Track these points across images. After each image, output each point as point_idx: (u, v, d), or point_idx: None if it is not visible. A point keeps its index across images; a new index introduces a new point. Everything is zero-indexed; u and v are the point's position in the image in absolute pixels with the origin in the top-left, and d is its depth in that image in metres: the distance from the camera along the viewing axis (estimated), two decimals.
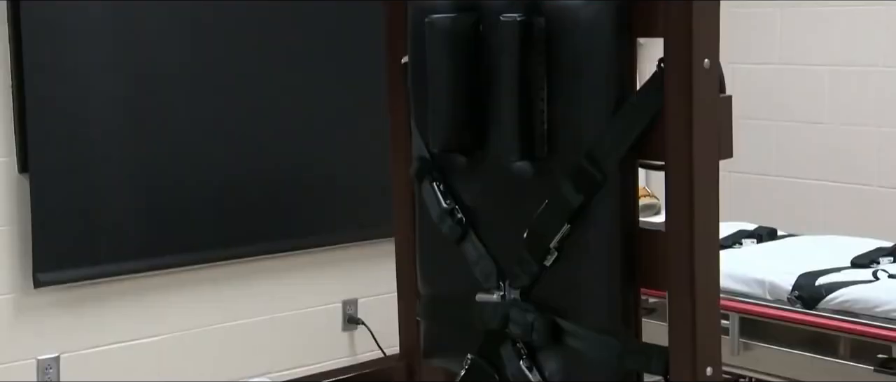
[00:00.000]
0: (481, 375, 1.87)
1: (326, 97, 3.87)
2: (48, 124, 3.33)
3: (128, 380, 3.57)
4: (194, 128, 3.62)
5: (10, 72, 3.29)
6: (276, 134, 3.78)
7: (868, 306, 2.58)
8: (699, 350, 1.60)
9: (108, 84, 3.44)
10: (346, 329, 4.06)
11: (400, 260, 2.09)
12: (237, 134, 3.70)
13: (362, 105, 3.85)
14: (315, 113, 3.85)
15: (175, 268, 3.64)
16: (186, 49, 3.59)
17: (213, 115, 3.65)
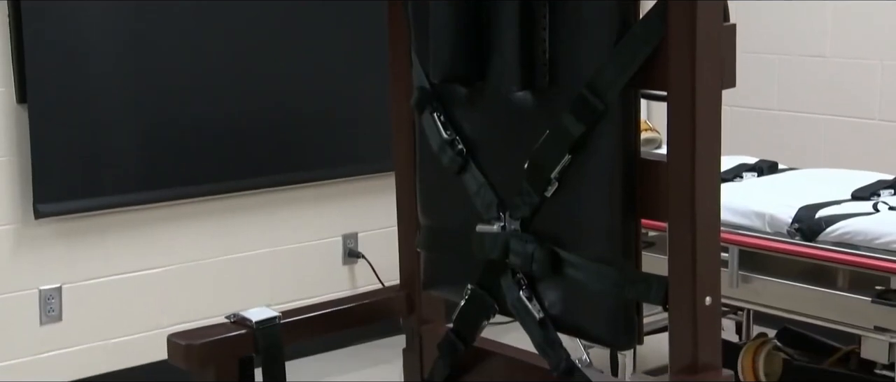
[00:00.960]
0: (481, 305, 1.88)
1: (327, 30, 3.84)
2: (46, 54, 3.31)
3: (129, 311, 3.60)
4: (195, 61, 3.59)
5: (7, 2, 3.26)
6: (278, 67, 3.76)
7: (868, 238, 2.58)
8: (699, 280, 1.60)
9: (107, 16, 3.41)
10: (346, 262, 4.08)
11: (400, 191, 2.10)
12: (238, 67, 3.68)
13: (363, 37, 3.82)
14: (316, 46, 3.83)
15: (176, 201, 3.64)
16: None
17: (214, 48, 3.63)
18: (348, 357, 3.98)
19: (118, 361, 3.58)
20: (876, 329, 2.60)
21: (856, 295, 2.64)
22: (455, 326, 1.94)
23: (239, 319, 1.92)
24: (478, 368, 1.99)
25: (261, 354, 1.89)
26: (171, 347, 1.87)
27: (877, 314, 2.58)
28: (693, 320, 1.61)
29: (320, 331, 2.10)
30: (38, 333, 3.43)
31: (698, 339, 1.62)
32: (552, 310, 1.79)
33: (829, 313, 2.67)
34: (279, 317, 1.93)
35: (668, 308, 1.65)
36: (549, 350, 1.79)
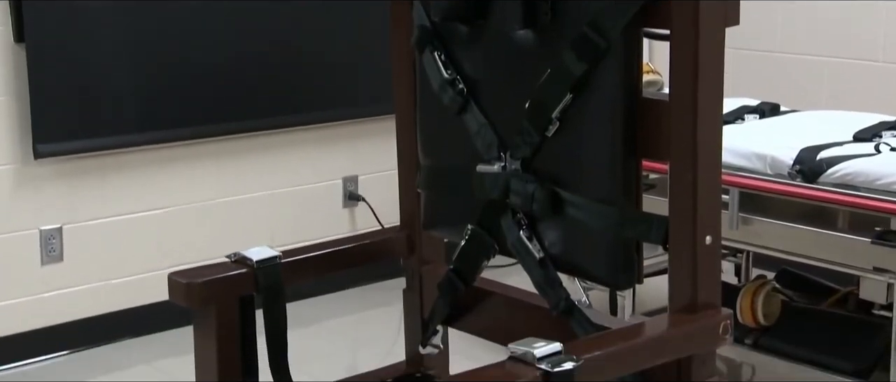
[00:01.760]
0: (481, 245, 1.89)
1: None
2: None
3: (130, 252, 3.61)
4: (195, 1, 3.56)
5: None
6: (278, 8, 3.72)
7: (869, 179, 2.58)
8: (699, 219, 1.60)
9: None
10: (346, 205, 4.08)
11: (400, 131, 2.09)
12: (239, 7, 3.65)
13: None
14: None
15: (176, 142, 3.64)
16: None
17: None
18: (348, 300, 4.00)
19: (119, 301, 3.60)
20: (875, 270, 2.61)
21: (855, 236, 2.64)
22: (455, 266, 1.94)
23: (239, 258, 1.92)
24: (478, 308, 2.00)
25: (261, 293, 1.90)
26: (172, 286, 1.87)
27: (876, 254, 2.58)
28: (693, 259, 1.62)
29: (321, 271, 2.11)
30: (40, 273, 3.45)
31: (698, 278, 1.63)
32: (552, 250, 1.79)
33: (829, 254, 2.68)
34: (279, 257, 1.93)
35: (667, 247, 1.65)
36: (548, 289, 1.80)
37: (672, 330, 1.64)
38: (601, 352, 1.54)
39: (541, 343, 1.49)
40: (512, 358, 1.49)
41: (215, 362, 1.85)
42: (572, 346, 1.52)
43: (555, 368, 1.45)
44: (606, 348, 1.56)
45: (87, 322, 3.54)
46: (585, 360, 1.48)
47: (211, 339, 1.86)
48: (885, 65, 3.83)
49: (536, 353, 1.47)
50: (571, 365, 1.46)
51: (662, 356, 1.62)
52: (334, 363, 3.44)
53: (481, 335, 2.01)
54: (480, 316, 1.99)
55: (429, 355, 2.10)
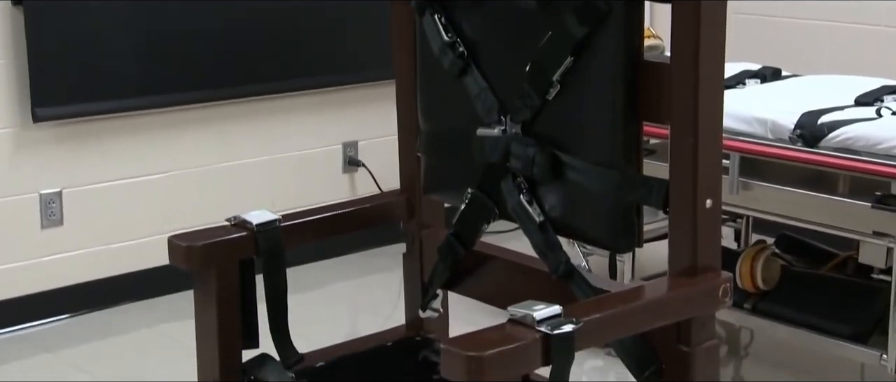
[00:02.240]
0: (481, 209, 1.89)
1: None
2: None
3: (130, 216, 3.61)
4: None
5: None
6: None
7: (870, 143, 2.57)
8: (700, 182, 1.60)
9: None
10: (346, 170, 4.08)
11: (400, 95, 2.08)
12: None
13: None
14: None
15: (175, 107, 3.63)
16: None
17: None
18: (348, 265, 4.01)
19: (120, 265, 3.61)
20: (874, 234, 2.61)
21: (855, 200, 2.64)
22: (455, 230, 1.95)
23: (240, 222, 1.92)
24: (477, 272, 2.00)
25: (261, 256, 1.90)
26: (172, 248, 1.87)
27: (876, 219, 2.58)
28: (693, 222, 1.62)
29: (320, 234, 2.10)
30: (40, 237, 3.45)
31: (698, 241, 1.63)
32: (552, 213, 1.79)
33: (829, 218, 2.68)
34: (279, 220, 1.93)
35: (667, 211, 1.65)
36: (548, 253, 1.80)
37: (671, 293, 1.64)
38: (600, 315, 1.54)
39: (540, 305, 1.49)
40: (511, 321, 1.49)
41: (215, 325, 1.86)
42: (572, 309, 1.52)
43: (554, 330, 1.46)
44: (606, 310, 1.56)
45: (88, 286, 3.55)
46: (585, 323, 1.49)
47: (211, 302, 1.86)
48: (887, 30, 3.81)
49: (536, 316, 1.47)
50: (571, 328, 1.46)
51: (662, 318, 1.62)
52: (334, 327, 3.45)
53: (481, 299, 2.01)
54: (480, 280, 2.00)
55: (429, 319, 2.11)
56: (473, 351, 1.41)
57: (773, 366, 3.23)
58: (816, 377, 3.12)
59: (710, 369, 1.67)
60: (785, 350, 3.24)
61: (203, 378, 1.91)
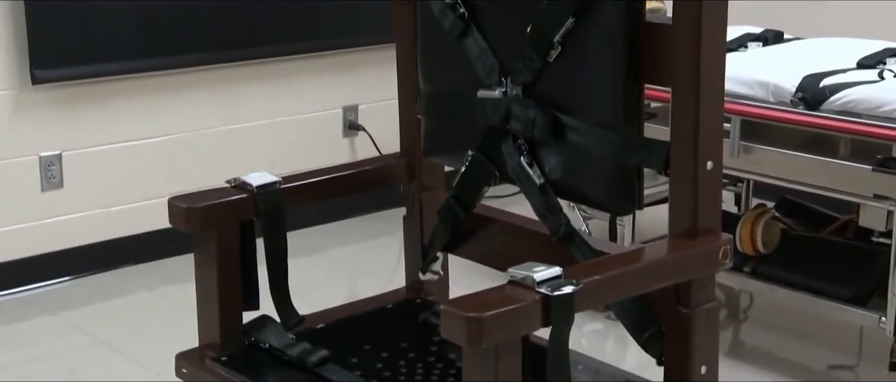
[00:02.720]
0: (481, 171, 1.88)
1: None
2: None
3: (130, 179, 3.61)
4: None
5: None
6: None
7: (872, 106, 2.56)
8: (701, 144, 1.60)
9: None
10: (346, 134, 4.07)
11: (400, 56, 2.07)
12: None
13: None
14: None
15: (174, 70, 3.62)
16: None
17: None
18: (349, 229, 4.02)
19: (120, 228, 3.61)
20: (875, 197, 2.61)
21: (856, 163, 2.64)
22: (455, 192, 1.94)
23: (240, 183, 1.92)
24: (478, 234, 2.00)
25: (262, 218, 1.90)
26: (173, 210, 1.87)
27: (877, 182, 2.58)
28: (694, 184, 1.61)
29: (320, 196, 2.10)
30: (40, 199, 3.45)
31: (698, 203, 1.62)
32: (552, 176, 1.78)
33: (830, 182, 2.67)
34: (279, 182, 1.93)
35: (668, 173, 1.65)
36: (549, 215, 1.79)
37: (671, 255, 1.64)
38: (601, 276, 1.54)
39: (540, 267, 1.49)
40: (512, 282, 1.49)
41: (216, 286, 1.86)
42: (572, 270, 1.52)
43: (554, 292, 1.46)
44: (606, 272, 1.56)
45: (89, 249, 3.55)
46: (585, 284, 1.49)
47: (211, 264, 1.86)
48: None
49: (536, 277, 1.47)
50: (571, 289, 1.46)
51: (662, 280, 1.62)
52: (335, 290, 3.46)
53: (481, 261, 2.01)
54: (480, 243, 2.00)
55: (429, 281, 2.11)
56: (473, 312, 1.41)
57: (772, 329, 3.24)
58: (815, 340, 3.14)
59: (709, 331, 1.67)
60: (784, 313, 3.26)
61: (204, 339, 1.92)
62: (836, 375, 2.96)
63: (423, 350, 1.91)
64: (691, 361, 1.66)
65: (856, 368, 3.03)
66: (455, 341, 1.44)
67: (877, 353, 2.85)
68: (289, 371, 1.83)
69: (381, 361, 1.86)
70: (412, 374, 1.82)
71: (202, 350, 1.90)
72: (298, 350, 1.86)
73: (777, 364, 2.97)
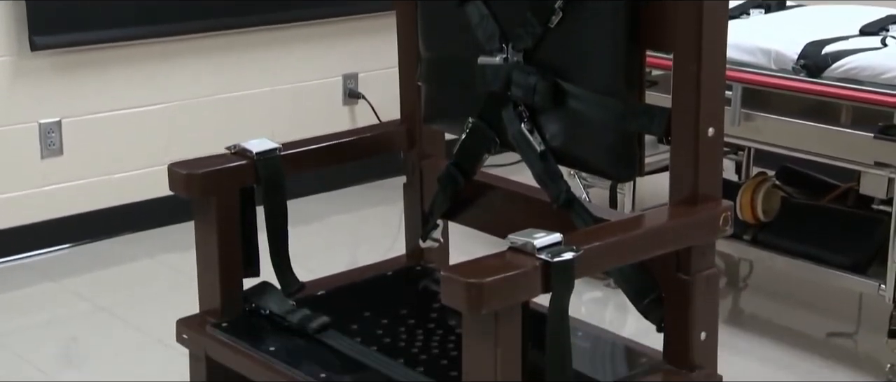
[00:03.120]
0: (482, 138, 1.88)
1: None
2: None
3: (130, 147, 3.60)
4: None
5: None
6: None
7: (874, 73, 2.55)
8: (702, 110, 1.59)
9: None
10: (346, 102, 4.06)
11: (401, 22, 2.06)
12: None
13: None
14: None
15: (175, 37, 3.60)
16: None
17: None
18: (349, 198, 4.02)
19: (120, 196, 3.61)
20: (876, 165, 2.60)
21: (858, 131, 2.63)
22: (455, 159, 1.94)
23: (240, 150, 1.92)
24: (478, 202, 2.00)
25: (262, 184, 1.89)
26: (172, 176, 1.87)
27: (878, 149, 2.57)
28: (695, 151, 1.61)
29: (320, 163, 2.10)
30: (40, 166, 3.45)
31: (699, 170, 1.62)
32: (553, 142, 1.78)
33: (831, 149, 2.67)
34: (279, 148, 1.93)
35: (669, 140, 1.64)
36: (549, 182, 1.79)
37: (672, 221, 1.64)
38: (601, 243, 1.54)
39: (541, 233, 1.49)
40: (512, 249, 1.49)
41: (216, 253, 1.86)
42: (572, 237, 1.52)
43: (554, 258, 1.45)
44: (606, 238, 1.56)
45: (89, 216, 3.56)
46: (585, 250, 1.48)
47: (211, 230, 1.86)
48: None
49: (536, 243, 1.47)
50: (571, 255, 1.46)
51: (662, 246, 1.62)
52: (335, 258, 3.46)
53: (481, 228, 2.01)
54: (480, 210, 2.00)
55: (429, 248, 2.11)
56: (473, 278, 1.41)
57: (772, 297, 3.25)
58: (815, 307, 3.14)
59: (709, 297, 1.67)
60: (783, 281, 3.26)
61: (204, 305, 1.92)
62: (835, 342, 2.97)
63: (424, 316, 1.92)
64: (691, 327, 1.66)
65: (855, 336, 3.04)
66: (455, 307, 1.44)
67: (876, 321, 2.86)
68: (289, 338, 1.83)
69: (381, 327, 1.87)
70: (412, 341, 1.82)
71: (203, 316, 1.91)
72: (299, 316, 1.86)
73: (776, 331, 2.97)
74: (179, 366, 2.02)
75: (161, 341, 2.80)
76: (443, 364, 1.74)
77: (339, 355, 1.78)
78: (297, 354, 1.78)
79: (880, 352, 2.71)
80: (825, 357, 2.81)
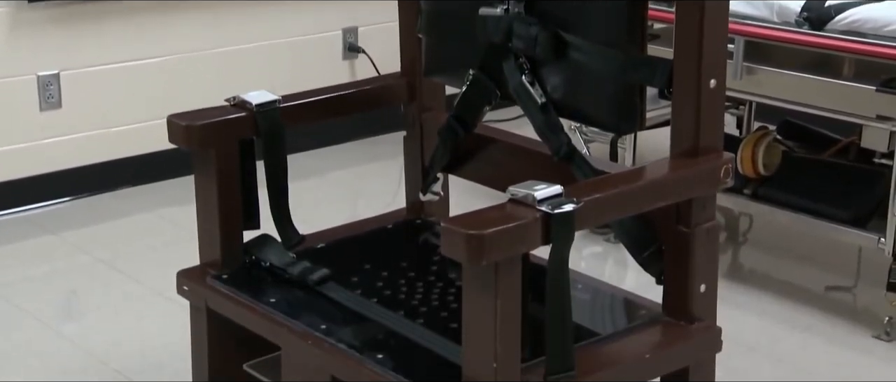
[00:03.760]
0: (482, 90, 1.87)
1: None
2: None
3: (129, 100, 3.59)
4: None
5: None
6: None
7: (877, 25, 2.54)
8: (704, 61, 1.58)
9: None
10: (346, 57, 4.04)
11: None
12: None
13: None
14: None
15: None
16: None
17: None
18: (348, 153, 4.01)
19: (120, 149, 3.60)
20: (878, 118, 2.59)
21: (861, 84, 2.62)
22: (456, 111, 1.93)
23: (239, 102, 1.91)
24: (478, 155, 1.99)
25: (262, 136, 1.89)
26: (172, 127, 1.86)
27: (880, 102, 2.56)
28: (696, 102, 1.60)
29: (320, 116, 2.09)
30: (38, 119, 3.44)
31: (701, 122, 1.61)
32: (554, 95, 1.77)
33: (833, 103, 2.66)
34: (279, 101, 1.92)
35: (670, 92, 1.63)
36: (550, 134, 1.79)
37: (673, 173, 1.63)
38: (601, 194, 1.54)
39: (541, 185, 1.48)
40: (512, 200, 1.49)
41: (216, 205, 1.86)
42: (573, 189, 1.52)
43: (555, 210, 1.45)
44: (606, 190, 1.56)
45: (88, 169, 3.55)
46: (585, 202, 1.48)
47: (211, 182, 1.86)
48: None
49: (537, 195, 1.47)
50: (571, 207, 1.46)
51: (663, 198, 1.62)
52: (335, 211, 3.46)
53: (481, 182, 2.01)
54: (481, 163, 1.99)
55: (429, 202, 2.11)
56: (474, 229, 1.41)
57: (771, 252, 3.25)
58: (814, 262, 3.15)
59: (709, 249, 1.67)
60: (783, 235, 3.26)
61: (205, 257, 1.92)
62: (834, 296, 2.98)
63: (424, 269, 1.92)
64: (690, 280, 1.67)
65: (853, 289, 3.05)
66: (455, 258, 1.44)
67: (875, 275, 2.86)
68: (289, 289, 1.84)
69: (381, 280, 1.87)
70: (412, 293, 1.83)
71: (203, 268, 1.91)
72: (299, 268, 1.86)
73: (775, 285, 2.98)
74: (180, 319, 2.03)
75: (161, 294, 2.81)
76: (443, 316, 1.75)
77: (339, 307, 1.78)
78: (298, 306, 1.78)
79: (879, 306, 2.72)
80: (824, 310, 2.82)
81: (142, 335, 2.69)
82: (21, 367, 2.56)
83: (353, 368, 1.63)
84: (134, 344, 2.64)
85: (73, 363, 2.57)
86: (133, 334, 2.69)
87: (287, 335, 1.72)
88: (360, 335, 1.69)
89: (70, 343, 2.66)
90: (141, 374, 2.51)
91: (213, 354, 1.90)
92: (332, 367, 1.66)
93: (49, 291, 2.97)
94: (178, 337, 2.23)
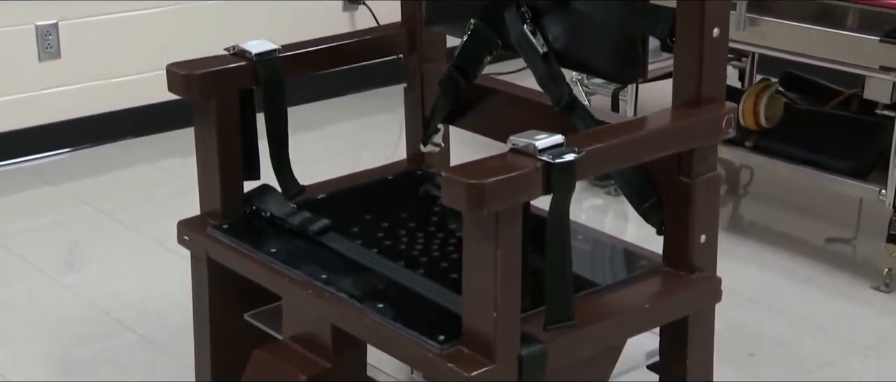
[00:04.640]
0: (484, 40, 1.86)
1: None
2: None
3: (128, 51, 3.57)
4: None
5: None
6: None
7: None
8: (708, 9, 1.57)
9: None
10: (346, 9, 4.02)
11: None
12: None
13: None
14: None
15: None
16: None
17: None
18: (348, 105, 4.00)
19: (119, 100, 3.59)
20: (881, 69, 2.58)
21: (864, 35, 2.60)
22: (457, 62, 1.92)
23: (239, 51, 1.90)
24: (479, 105, 1.98)
25: (262, 86, 1.88)
26: (171, 77, 1.85)
27: (883, 52, 2.55)
28: (699, 51, 1.59)
29: (320, 66, 2.08)
30: (37, 69, 3.42)
31: (703, 71, 1.61)
32: (556, 44, 1.76)
33: (836, 54, 2.64)
34: (279, 50, 1.91)
35: (672, 41, 1.62)
36: (551, 84, 1.78)
37: (674, 122, 1.63)
38: (602, 144, 1.53)
39: (542, 135, 1.48)
40: (513, 150, 1.48)
41: (216, 155, 1.86)
42: (574, 138, 1.52)
43: (556, 159, 1.45)
44: (608, 140, 1.55)
45: (88, 121, 3.54)
46: (586, 152, 1.48)
47: (211, 132, 1.85)
48: None
49: (538, 145, 1.46)
50: (573, 157, 1.46)
51: (664, 148, 1.61)
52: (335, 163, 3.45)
53: (482, 133, 2.00)
54: (482, 114, 1.98)
55: (430, 153, 2.10)
56: (474, 179, 1.40)
57: (772, 204, 3.26)
58: (814, 214, 3.15)
59: (710, 200, 1.67)
60: (784, 188, 3.26)
61: (205, 207, 1.92)
62: (834, 248, 2.99)
63: (424, 220, 1.92)
64: (691, 230, 1.67)
65: (853, 241, 3.05)
66: (456, 208, 1.44)
67: (875, 226, 2.87)
68: (289, 239, 1.84)
69: (381, 230, 1.87)
70: (413, 243, 1.83)
71: (204, 218, 1.91)
72: (299, 218, 1.86)
73: (775, 237, 2.98)
74: (181, 269, 2.03)
75: (162, 244, 2.82)
76: (443, 266, 1.75)
77: (339, 257, 1.78)
78: (298, 255, 1.79)
79: (878, 257, 2.72)
80: (824, 262, 2.83)
81: (143, 285, 2.69)
82: (23, 317, 2.57)
83: (353, 317, 1.63)
84: (135, 295, 2.65)
85: (75, 313, 2.58)
86: (134, 284, 2.70)
87: (288, 284, 1.73)
88: (361, 285, 1.70)
89: (72, 294, 2.68)
90: (142, 324, 2.52)
91: (214, 304, 1.91)
92: (332, 316, 1.67)
93: (50, 242, 2.98)
94: (179, 287, 2.24)
